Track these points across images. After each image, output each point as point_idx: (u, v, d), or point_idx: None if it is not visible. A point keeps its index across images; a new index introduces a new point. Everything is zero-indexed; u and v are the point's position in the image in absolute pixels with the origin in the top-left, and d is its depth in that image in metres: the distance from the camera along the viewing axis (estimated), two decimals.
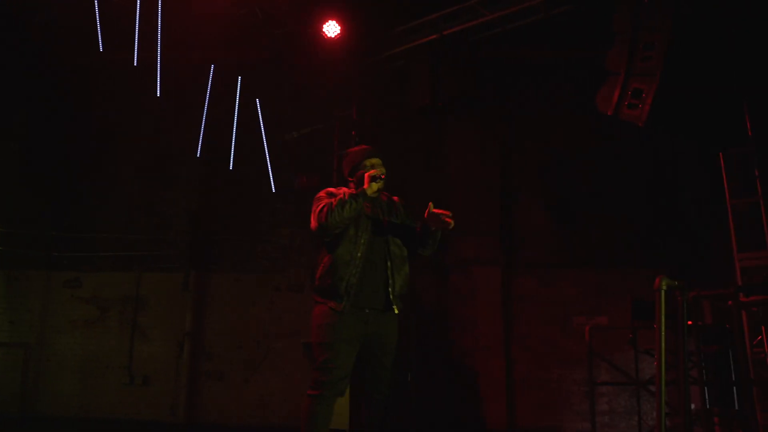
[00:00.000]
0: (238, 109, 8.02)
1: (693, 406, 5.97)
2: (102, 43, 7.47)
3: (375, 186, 3.49)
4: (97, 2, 7.35)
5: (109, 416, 8.45)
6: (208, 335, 8.73)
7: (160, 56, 7.46)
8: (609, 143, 8.69)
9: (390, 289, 3.51)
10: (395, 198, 3.83)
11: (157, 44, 7.37)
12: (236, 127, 8.47)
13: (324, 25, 7.65)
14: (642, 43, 6.83)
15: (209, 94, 8.09)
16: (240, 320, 8.59)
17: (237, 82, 8.10)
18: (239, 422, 8.42)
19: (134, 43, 7.58)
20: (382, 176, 3.56)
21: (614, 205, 8.55)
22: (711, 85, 6.20)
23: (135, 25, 7.40)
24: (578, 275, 8.47)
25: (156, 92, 7.36)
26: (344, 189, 3.63)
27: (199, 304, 8.79)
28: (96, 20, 7.31)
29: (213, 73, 7.90)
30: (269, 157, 8.34)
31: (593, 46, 7.87)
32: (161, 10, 7.39)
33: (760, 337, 5.95)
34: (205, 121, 8.37)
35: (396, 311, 3.55)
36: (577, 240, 8.56)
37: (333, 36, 7.67)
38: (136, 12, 7.29)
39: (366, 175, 3.52)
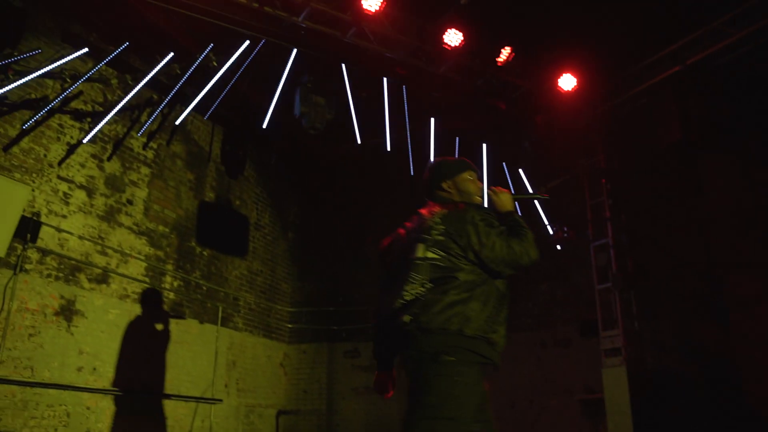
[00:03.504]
0: (487, 174, 8.32)
1: None
2: (358, 133, 8.25)
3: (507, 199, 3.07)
4: (351, 98, 8.19)
5: None
6: None
7: (410, 135, 8.08)
8: None
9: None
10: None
11: (405, 127, 8.01)
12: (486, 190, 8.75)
13: (559, 80, 7.74)
14: None
15: None
16: (509, 378, 8.63)
17: (482, 148, 8.45)
18: None
19: (385, 129, 8.33)
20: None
21: None
22: None
23: (384, 112, 8.16)
24: None
25: (410, 170, 7.94)
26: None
27: None
28: (351, 113, 8.12)
29: (459, 143, 8.35)
30: (521, 212, 8.48)
31: None
32: (406, 95, 8.06)
33: None
34: None
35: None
36: None
37: (570, 89, 7.72)
38: (384, 101, 8.06)
39: (497, 189, 3.14)
